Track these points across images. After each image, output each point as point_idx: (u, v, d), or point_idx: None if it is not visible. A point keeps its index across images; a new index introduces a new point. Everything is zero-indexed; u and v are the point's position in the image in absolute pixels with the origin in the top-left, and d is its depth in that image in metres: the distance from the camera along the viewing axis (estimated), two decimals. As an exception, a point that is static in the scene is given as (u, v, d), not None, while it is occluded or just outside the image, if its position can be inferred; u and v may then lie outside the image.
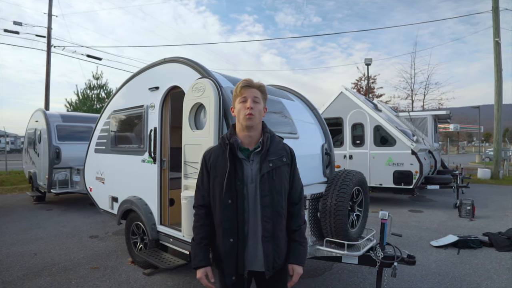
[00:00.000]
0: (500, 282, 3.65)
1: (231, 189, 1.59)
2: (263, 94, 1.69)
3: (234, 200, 1.59)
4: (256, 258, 1.63)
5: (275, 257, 1.63)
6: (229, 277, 1.60)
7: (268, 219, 1.61)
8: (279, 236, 1.65)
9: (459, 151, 50.18)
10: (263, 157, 1.63)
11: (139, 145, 4.07)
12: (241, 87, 1.64)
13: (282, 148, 1.72)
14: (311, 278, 3.75)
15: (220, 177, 1.62)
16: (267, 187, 1.61)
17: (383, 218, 2.90)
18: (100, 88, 18.37)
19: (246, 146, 1.66)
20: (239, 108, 1.63)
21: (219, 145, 1.70)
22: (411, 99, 24.85)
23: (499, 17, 13.96)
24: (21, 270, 4.02)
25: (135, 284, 3.59)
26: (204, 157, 1.73)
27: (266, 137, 1.67)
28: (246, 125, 1.62)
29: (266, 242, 1.61)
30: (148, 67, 4.05)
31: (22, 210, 7.66)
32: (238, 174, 1.60)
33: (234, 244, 1.59)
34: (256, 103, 1.63)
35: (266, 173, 1.61)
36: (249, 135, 1.65)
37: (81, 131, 8.48)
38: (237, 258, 1.60)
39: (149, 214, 3.78)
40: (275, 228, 1.63)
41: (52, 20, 15.53)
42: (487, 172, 14.02)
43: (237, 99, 1.66)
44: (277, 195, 1.63)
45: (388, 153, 8.06)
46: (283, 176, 1.67)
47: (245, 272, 1.63)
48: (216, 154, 1.68)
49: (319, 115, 4.37)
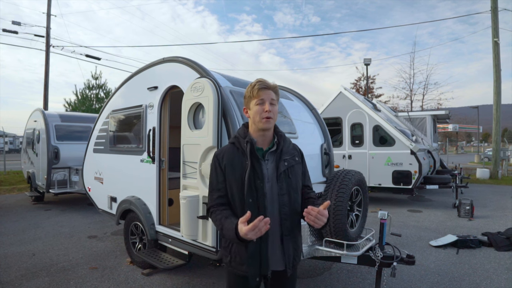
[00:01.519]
0: (499, 282, 3.65)
1: (252, 187, 1.58)
2: (277, 95, 1.69)
3: (255, 198, 1.58)
4: (273, 257, 1.62)
5: (295, 255, 1.65)
6: (253, 278, 1.58)
7: (287, 217, 1.62)
8: (297, 234, 1.68)
9: (458, 151, 50.25)
10: (278, 157, 1.65)
11: (138, 145, 4.06)
12: (258, 89, 1.62)
13: (293, 148, 1.76)
14: (310, 278, 3.75)
15: (239, 176, 1.60)
16: (284, 185, 1.62)
17: (382, 218, 2.90)
18: (99, 88, 18.34)
19: (260, 146, 1.67)
20: (256, 110, 1.61)
21: (232, 145, 1.69)
22: (410, 99, 24.92)
23: (498, 17, 13.99)
24: (20, 270, 4.01)
25: (134, 284, 3.58)
26: (216, 156, 1.69)
27: (280, 137, 1.70)
28: (264, 128, 1.61)
29: (286, 241, 1.62)
30: (147, 67, 4.04)
31: (21, 210, 7.64)
32: (257, 172, 1.60)
33: (258, 244, 1.57)
34: (273, 105, 1.63)
35: (283, 172, 1.63)
36: (263, 135, 1.66)
37: (80, 131, 8.46)
38: (260, 259, 1.58)
39: (148, 214, 3.77)
40: (294, 226, 1.66)
41: (50, 19, 15.52)
42: (486, 172, 14.04)
43: (253, 101, 1.63)
44: (294, 193, 1.65)
45: (387, 153, 8.07)
46: (298, 174, 1.71)
47: (269, 272, 1.61)
48: (230, 154, 1.66)
49: (318, 115, 4.37)
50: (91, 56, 16.52)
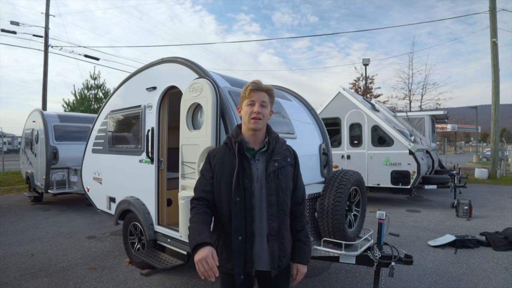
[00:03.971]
0: (497, 282, 3.67)
1: (240, 187, 1.60)
2: (271, 98, 1.71)
3: (242, 197, 1.60)
4: (261, 257, 1.64)
5: (280, 256, 1.65)
6: (238, 276, 1.60)
7: (274, 217, 1.63)
8: (284, 235, 1.68)
9: (457, 151, 50.35)
10: (269, 157, 1.67)
11: (137, 145, 4.06)
12: (250, 90, 1.65)
13: (286, 149, 1.76)
14: (309, 278, 3.76)
15: (228, 175, 1.63)
16: (273, 185, 1.63)
17: (381, 218, 2.91)
18: (97, 88, 18.30)
19: (251, 146, 1.68)
20: (246, 111, 1.65)
21: (225, 145, 1.72)
22: (409, 99, 24.95)
23: (496, 18, 14.03)
24: (18, 271, 4.00)
25: (133, 285, 3.58)
26: (208, 155, 1.74)
27: (272, 137, 1.71)
28: (252, 128, 1.64)
29: (272, 241, 1.62)
30: (145, 67, 4.04)
31: (19, 211, 7.63)
32: (246, 172, 1.62)
33: (243, 242, 1.59)
34: (263, 107, 1.65)
35: (272, 172, 1.64)
36: (254, 135, 1.68)
37: (79, 131, 8.45)
38: (245, 257, 1.60)
39: (147, 214, 3.77)
40: (281, 226, 1.66)
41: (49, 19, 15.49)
42: (485, 172, 14.07)
43: (245, 101, 1.68)
44: (282, 193, 1.66)
45: (386, 153, 8.08)
46: (288, 175, 1.71)
47: (253, 270, 1.62)
48: (222, 153, 1.70)
49: (317, 115, 4.37)
50: (90, 56, 16.50)
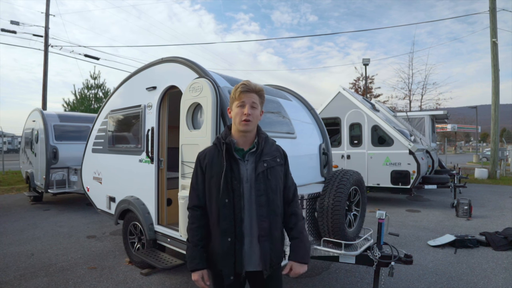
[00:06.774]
0: (497, 281, 3.67)
1: (228, 188, 1.60)
2: (261, 99, 1.70)
3: (231, 199, 1.60)
4: (252, 257, 1.63)
5: (272, 256, 1.64)
6: (228, 277, 1.60)
7: (264, 218, 1.62)
8: (275, 235, 1.67)
9: (457, 151, 50.36)
10: (258, 158, 1.66)
11: (137, 145, 4.06)
12: (240, 91, 1.65)
13: (275, 149, 1.76)
14: (309, 277, 3.76)
15: (216, 176, 1.63)
16: (262, 186, 1.63)
17: (381, 218, 2.91)
18: (97, 87, 18.31)
19: (241, 147, 1.68)
20: (237, 112, 1.65)
21: (214, 146, 1.72)
22: (409, 99, 24.92)
23: (496, 18, 14.02)
24: (18, 270, 4.00)
25: (133, 284, 3.58)
26: (198, 157, 1.74)
27: (261, 138, 1.71)
28: (242, 130, 1.64)
29: (263, 241, 1.62)
30: (145, 67, 4.04)
31: (19, 210, 7.63)
32: (234, 173, 1.62)
33: (232, 244, 1.59)
34: (253, 108, 1.65)
35: (261, 173, 1.64)
36: (244, 136, 1.68)
37: (79, 131, 8.45)
38: (235, 258, 1.60)
39: (147, 214, 3.78)
40: (272, 227, 1.64)
41: (49, 19, 15.48)
42: (484, 172, 14.07)
43: (235, 102, 1.67)
44: (272, 194, 1.65)
45: (386, 153, 8.08)
46: (278, 175, 1.70)
47: (243, 271, 1.63)
48: (211, 155, 1.69)
49: (317, 115, 4.37)
50: (90, 56, 16.49)
